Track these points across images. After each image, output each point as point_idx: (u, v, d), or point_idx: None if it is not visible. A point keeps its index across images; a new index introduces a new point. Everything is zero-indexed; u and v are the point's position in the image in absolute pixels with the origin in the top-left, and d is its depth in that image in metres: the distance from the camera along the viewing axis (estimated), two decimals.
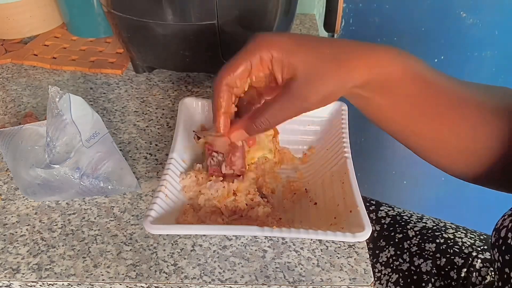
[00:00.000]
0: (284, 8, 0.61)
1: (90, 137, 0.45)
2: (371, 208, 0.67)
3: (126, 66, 0.69)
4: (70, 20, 0.75)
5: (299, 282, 0.39)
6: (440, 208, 1.19)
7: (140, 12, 0.55)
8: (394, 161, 1.15)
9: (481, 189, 0.47)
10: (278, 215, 0.44)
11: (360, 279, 0.39)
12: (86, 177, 0.44)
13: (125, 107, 0.60)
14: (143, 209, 0.46)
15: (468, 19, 0.91)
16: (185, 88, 0.64)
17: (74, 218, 0.45)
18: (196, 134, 0.51)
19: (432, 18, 0.92)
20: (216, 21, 0.55)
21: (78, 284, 0.39)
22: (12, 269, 0.40)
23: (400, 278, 0.59)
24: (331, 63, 0.37)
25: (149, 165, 0.51)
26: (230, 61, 0.39)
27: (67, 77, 0.67)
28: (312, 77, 0.37)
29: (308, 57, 0.37)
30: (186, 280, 0.39)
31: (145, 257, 0.41)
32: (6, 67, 0.69)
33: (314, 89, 0.37)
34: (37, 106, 0.60)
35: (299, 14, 0.85)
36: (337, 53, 0.37)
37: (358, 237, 0.37)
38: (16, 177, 0.46)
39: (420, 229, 0.62)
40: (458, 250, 0.58)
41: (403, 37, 0.95)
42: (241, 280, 0.39)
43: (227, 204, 0.43)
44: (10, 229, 0.44)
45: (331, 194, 0.44)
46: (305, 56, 0.37)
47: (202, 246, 0.42)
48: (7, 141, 0.47)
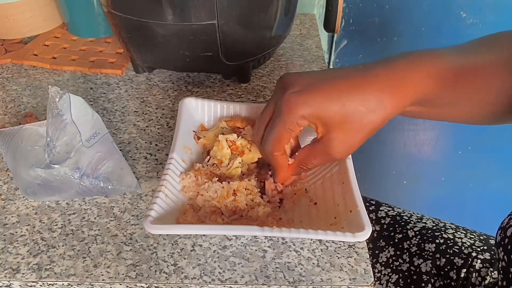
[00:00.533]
0: (284, 8, 0.61)
1: (90, 137, 0.45)
2: (371, 208, 0.67)
3: (126, 66, 0.69)
4: (70, 20, 0.75)
5: (299, 282, 0.39)
6: (439, 208, 1.19)
7: (140, 12, 0.55)
8: (393, 161, 1.15)
9: (481, 189, 0.48)
10: (278, 215, 0.44)
11: (360, 279, 0.39)
12: (86, 177, 0.44)
13: (125, 107, 0.60)
14: (143, 209, 0.46)
15: (468, 19, 0.91)
16: (185, 88, 0.64)
17: (74, 218, 0.45)
18: (196, 134, 0.51)
19: (432, 18, 0.92)
20: (216, 21, 0.55)
21: (78, 284, 0.39)
22: (12, 269, 0.40)
23: (400, 278, 0.59)
24: (359, 113, 0.38)
25: (149, 165, 0.51)
26: (271, 132, 0.41)
27: (67, 77, 0.67)
28: (344, 134, 0.40)
29: (337, 115, 0.39)
30: (186, 280, 0.39)
31: (145, 257, 0.41)
32: (6, 67, 0.69)
33: (347, 146, 0.40)
34: (37, 106, 0.60)
35: (299, 14, 0.85)
36: (361, 101, 0.38)
37: (358, 237, 0.37)
38: (16, 177, 0.46)
39: (420, 229, 0.62)
40: (458, 251, 0.58)
41: (403, 37, 0.95)
42: (241, 280, 0.39)
43: (227, 204, 0.43)
44: (10, 229, 0.44)
45: (331, 194, 0.44)
46: (333, 118, 0.39)
47: (202, 246, 0.42)
48: (7, 141, 0.47)
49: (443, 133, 1.09)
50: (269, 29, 0.61)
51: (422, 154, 1.12)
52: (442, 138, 1.09)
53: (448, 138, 1.09)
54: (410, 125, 1.07)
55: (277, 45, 0.66)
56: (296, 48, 0.75)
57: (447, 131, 1.08)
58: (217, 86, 0.65)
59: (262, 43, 0.62)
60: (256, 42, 0.61)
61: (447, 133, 1.09)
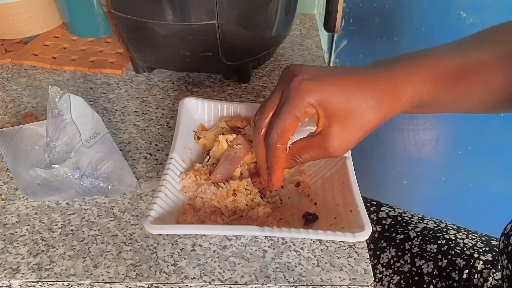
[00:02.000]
0: (284, 8, 0.61)
1: (90, 137, 0.45)
2: (372, 208, 0.67)
3: (126, 66, 0.69)
4: (70, 20, 0.75)
5: (299, 282, 0.39)
6: (440, 208, 1.19)
7: (140, 12, 0.55)
8: (394, 161, 1.15)
9: (481, 189, 0.48)
10: (278, 215, 0.44)
11: (360, 279, 0.39)
12: (86, 177, 0.44)
13: (125, 107, 0.60)
14: (143, 209, 0.46)
15: (468, 19, 0.91)
16: (185, 88, 0.64)
17: (74, 218, 0.45)
18: (196, 134, 0.51)
19: (432, 18, 0.92)
20: (216, 21, 0.55)
21: (78, 284, 0.39)
22: (12, 269, 0.40)
23: (401, 279, 0.59)
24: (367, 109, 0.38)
25: (149, 165, 0.51)
26: (278, 121, 0.40)
27: (67, 77, 0.67)
28: (347, 130, 0.39)
29: (341, 110, 0.38)
30: (186, 280, 0.39)
31: (145, 257, 0.41)
32: (6, 67, 0.69)
33: (347, 141, 0.40)
34: (37, 106, 0.60)
35: (299, 14, 0.85)
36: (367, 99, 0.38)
37: (358, 237, 0.37)
38: (16, 177, 0.46)
39: (421, 230, 0.61)
40: (459, 252, 0.58)
41: (403, 37, 0.95)
42: (241, 280, 0.39)
43: (227, 204, 0.43)
44: (10, 229, 0.44)
45: (331, 194, 0.44)
46: (340, 111, 0.38)
47: (202, 246, 0.42)
48: (7, 141, 0.46)
49: (443, 133, 1.09)
50: (269, 29, 0.61)
51: (422, 154, 1.12)
52: (442, 138, 1.09)
53: (448, 138, 1.09)
54: (410, 125, 1.07)
55: (277, 45, 0.66)
56: (296, 48, 0.75)
57: (447, 131, 1.08)
58: (217, 86, 0.65)
59: (262, 43, 0.62)
60: (256, 42, 0.61)
61: (447, 133, 1.09)
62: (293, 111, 0.39)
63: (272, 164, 0.42)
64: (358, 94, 0.38)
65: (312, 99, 0.38)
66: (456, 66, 0.40)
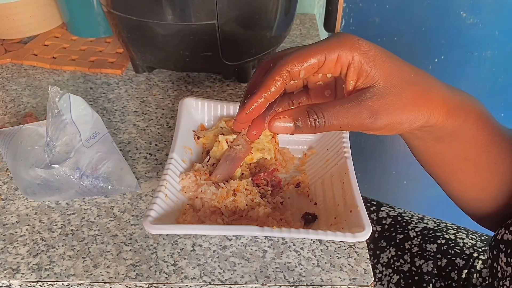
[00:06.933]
0: (284, 8, 0.61)
1: (90, 137, 0.45)
2: (372, 208, 0.67)
3: (126, 66, 0.69)
4: (70, 20, 0.75)
5: (299, 282, 0.39)
6: (439, 208, 1.18)
7: (140, 12, 0.55)
8: (394, 161, 1.15)
9: None
10: (278, 215, 0.44)
11: (360, 279, 0.39)
12: (86, 177, 0.44)
13: (125, 107, 0.60)
14: (143, 209, 0.46)
15: (468, 19, 0.91)
16: (185, 88, 0.64)
17: (74, 218, 0.45)
18: (196, 134, 0.51)
19: (432, 18, 0.92)
20: (216, 21, 0.55)
21: (78, 284, 0.39)
22: (12, 269, 0.40)
23: (401, 278, 0.59)
24: (414, 92, 0.34)
25: (149, 165, 0.51)
26: (303, 48, 0.33)
27: (67, 77, 0.67)
28: (391, 98, 0.33)
29: (393, 75, 0.33)
30: (186, 280, 0.39)
31: (145, 257, 0.41)
32: (6, 67, 0.69)
33: (387, 109, 0.33)
34: (37, 106, 0.60)
35: (299, 14, 0.85)
36: (420, 85, 0.35)
37: (358, 237, 0.37)
38: (16, 177, 0.46)
39: (421, 229, 0.61)
40: (459, 251, 0.58)
41: (403, 37, 0.95)
42: (241, 280, 0.39)
43: (227, 204, 0.43)
44: (10, 229, 0.44)
45: (331, 194, 0.44)
46: (389, 73, 0.33)
47: (202, 246, 0.42)
48: (7, 141, 0.46)
49: None
50: (269, 29, 0.61)
51: None
52: None
53: None
54: None
55: (277, 45, 0.66)
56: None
57: None
58: (217, 86, 0.65)
59: (262, 43, 0.62)
60: (256, 42, 0.61)
61: None
62: (323, 46, 0.33)
63: (259, 86, 0.34)
64: (410, 77, 0.34)
65: (354, 50, 0.33)
66: (499, 130, 0.41)
